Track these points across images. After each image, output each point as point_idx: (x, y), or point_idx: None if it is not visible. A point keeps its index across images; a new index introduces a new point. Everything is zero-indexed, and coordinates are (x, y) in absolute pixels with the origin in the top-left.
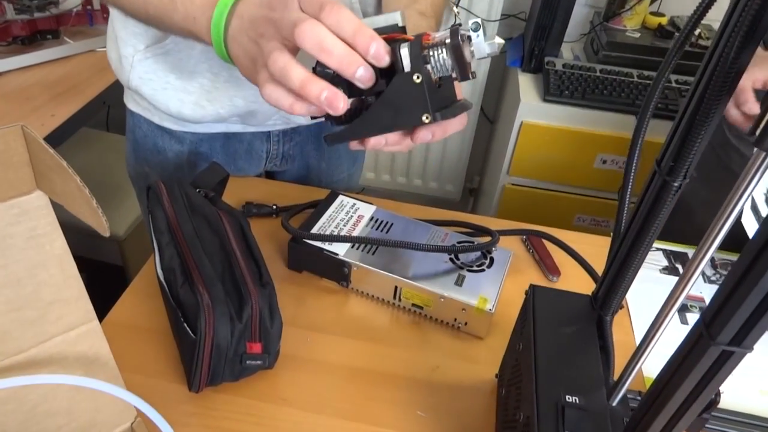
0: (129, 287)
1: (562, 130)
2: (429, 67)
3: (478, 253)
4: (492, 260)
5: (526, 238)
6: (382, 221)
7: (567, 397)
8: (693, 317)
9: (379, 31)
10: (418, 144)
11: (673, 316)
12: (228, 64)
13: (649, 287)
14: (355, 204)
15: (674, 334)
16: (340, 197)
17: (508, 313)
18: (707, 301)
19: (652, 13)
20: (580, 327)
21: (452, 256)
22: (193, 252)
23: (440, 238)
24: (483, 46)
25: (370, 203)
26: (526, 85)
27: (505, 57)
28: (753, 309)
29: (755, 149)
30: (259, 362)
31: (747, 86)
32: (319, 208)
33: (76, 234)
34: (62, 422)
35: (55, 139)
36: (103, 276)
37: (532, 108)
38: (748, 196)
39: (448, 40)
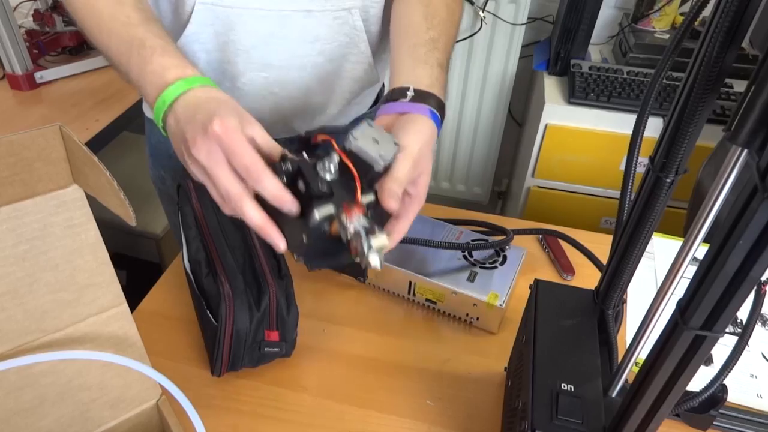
0: (159, 279)
1: (588, 132)
2: (335, 224)
3: (491, 251)
4: (505, 258)
5: (543, 238)
6: None
7: (562, 385)
8: None
9: (354, 156)
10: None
11: (665, 308)
12: (231, 74)
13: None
14: None
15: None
16: None
17: (520, 309)
18: None
19: (682, 14)
20: (581, 320)
21: (465, 253)
22: (217, 245)
23: (455, 236)
24: (372, 260)
25: None
26: (551, 87)
27: (532, 60)
28: (720, 295)
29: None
30: (276, 349)
31: None
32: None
33: (118, 233)
34: (95, 396)
35: (98, 142)
36: (142, 272)
37: (556, 110)
38: (729, 188)
39: (349, 235)
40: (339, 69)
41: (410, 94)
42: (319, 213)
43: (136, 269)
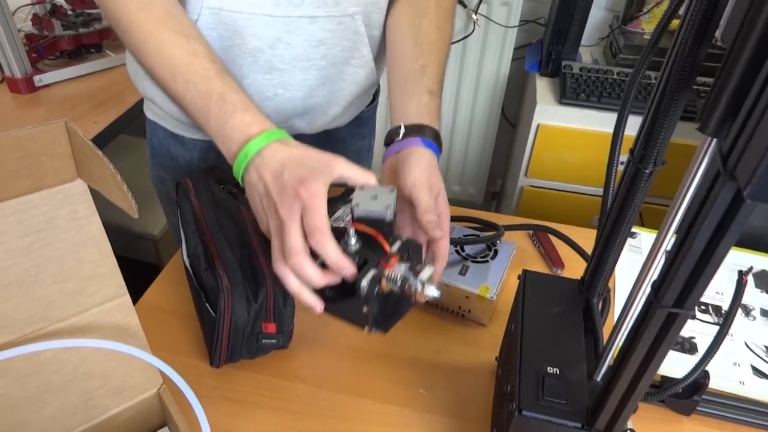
0: (159, 275)
1: (579, 132)
2: (383, 281)
3: (483, 246)
4: (496, 252)
5: (533, 234)
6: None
7: (548, 368)
8: None
9: (365, 219)
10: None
11: (644, 295)
12: (236, 76)
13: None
14: None
15: None
16: None
17: (511, 303)
18: None
19: None
20: (567, 308)
21: (458, 247)
22: (215, 240)
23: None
24: (429, 292)
25: None
26: (543, 88)
27: (524, 62)
28: (689, 274)
29: None
30: (273, 341)
31: None
32: (335, 203)
33: (116, 234)
34: (98, 384)
35: (97, 144)
36: (140, 273)
37: (548, 111)
38: (701, 176)
39: (398, 282)
40: (341, 72)
41: (402, 131)
42: (365, 280)
43: (133, 270)
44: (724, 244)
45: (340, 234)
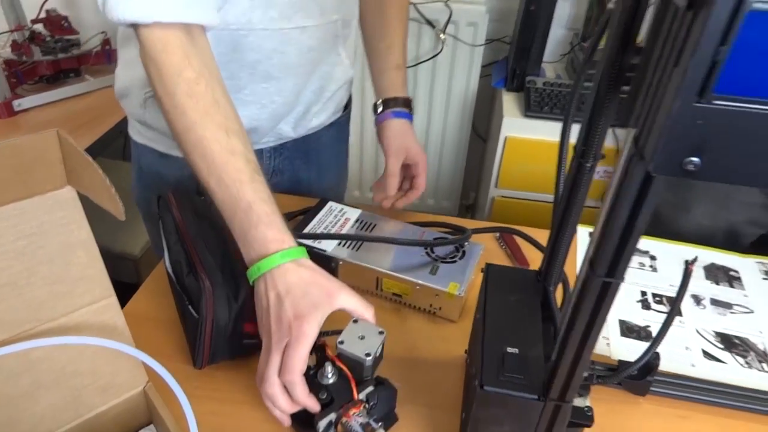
0: (142, 285)
1: (544, 143)
2: (339, 426)
3: (452, 247)
4: (464, 253)
5: (500, 236)
6: (366, 222)
7: (508, 348)
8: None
9: (344, 356)
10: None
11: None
12: (235, 88)
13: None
14: (342, 209)
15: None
16: (329, 203)
17: None
18: None
19: None
20: (525, 296)
21: (428, 249)
22: (197, 247)
23: (418, 235)
24: None
25: (357, 208)
26: (509, 102)
27: (491, 78)
28: (616, 246)
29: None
30: (254, 341)
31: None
32: (310, 212)
33: None
34: (87, 382)
35: None
36: (120, 293)
37: (514, 123)
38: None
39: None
40: (321, 71)
41: (380, 108)
42: (322, 423)
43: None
44: (642, 218)
45: (323, 358)
